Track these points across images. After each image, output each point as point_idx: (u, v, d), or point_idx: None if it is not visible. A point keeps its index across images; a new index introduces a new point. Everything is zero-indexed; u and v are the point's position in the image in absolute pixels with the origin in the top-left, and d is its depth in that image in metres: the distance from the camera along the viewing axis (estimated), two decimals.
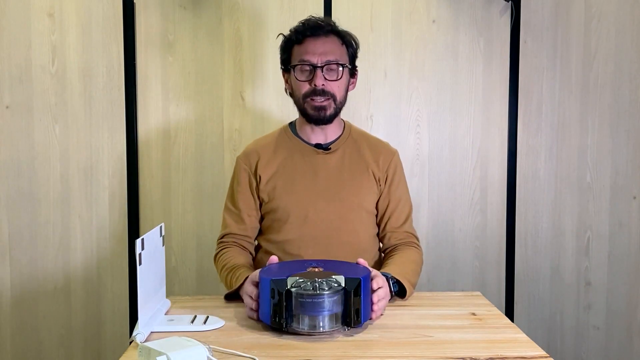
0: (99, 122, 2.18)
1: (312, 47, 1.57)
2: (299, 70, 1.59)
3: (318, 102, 1.57)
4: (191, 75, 2.19)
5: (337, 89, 1.59)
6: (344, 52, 1.62)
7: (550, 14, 2.25)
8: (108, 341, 2.22)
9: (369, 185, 1.65)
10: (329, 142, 1.66)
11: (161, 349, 1.03)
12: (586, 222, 2.30)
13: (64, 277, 2.21)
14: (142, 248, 1.20)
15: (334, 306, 1.22)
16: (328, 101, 1.58)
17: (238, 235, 1.65)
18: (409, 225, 1.69)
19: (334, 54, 1.58)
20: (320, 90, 1.56)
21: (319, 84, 1.56)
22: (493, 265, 2.31)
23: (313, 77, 1.57)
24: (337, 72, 1.58)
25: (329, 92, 1.57)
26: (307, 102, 1.58)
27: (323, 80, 1.56)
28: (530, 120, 2.28)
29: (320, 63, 1.56)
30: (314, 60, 1.56)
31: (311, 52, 1.57)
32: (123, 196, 2.20)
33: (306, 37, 1.58)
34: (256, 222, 1.67)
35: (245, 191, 1.66)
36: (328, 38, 1.59)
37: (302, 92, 1.59)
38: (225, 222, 1.68)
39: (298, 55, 1.59)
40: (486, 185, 2.29)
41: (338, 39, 1.61)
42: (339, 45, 1.61)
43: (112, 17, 2.15)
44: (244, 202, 1.65)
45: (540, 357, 1.13)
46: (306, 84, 1.58)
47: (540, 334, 2.31)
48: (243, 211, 1.65)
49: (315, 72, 1.56)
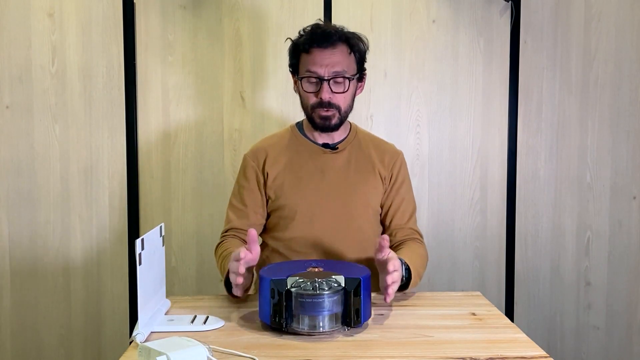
0: (99, 122, 2.18)
1: (319, 59, 1.57)
2: (306, 81, 1.59)
3: (324, 113, 1.59)
4: (191, 75, 2.19)
5: (343, 101, 1.60)
6: (352, 62, 1.61)
7: (550, 14, 2.25)
8: (108, 341, 2.22)
9: (375, 184, 1.66)
10: (336, 142, 1.67)
11: (161, 349, 1.03)
12: (586, 222, 2.30)
13: (64, 277, 2.20)
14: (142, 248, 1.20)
15: (334, 306, 1.22)
16: (333, 112, 1.59)
17: (241, 230, 1.65)
18: (413, 223, 1.70)
19: (341, 65, 1.57)
20: (326, 103, 1.57)
21: (325, 98, 1.57)
22: (493, 265, 2.30)
23: (320, 89, 1.57)
24: (343, 84, 1.58)
25: (334, 105, 1.58)
26: (315, 112, 1.60)
27: (330, 93, 1.57)
28: (530, 120, 2.28)
29: (327, 76, 1.56)
30: (321, 72, 1.56)
31: (318, 63, 1.57)
32: (123, 196, 2.20)
33: (313, 47, 1.58)
34: (261, 219, 1.67)
35: (253, 187, 1.66)
36: (336, 49, 1.58)
37: (309, 103, 1.61)
38: (229, 217, 1.68)
39: (305, 65, 1.59)
40: (486, 185, 2.29)
41: (346, 48, 1.60)
42: (347, 55, 1.60)
43: (112, 17, 2.15)
44: (251, 198, 1.65)
45: (540, 357, 1.13)
46: (313, 96, 1.59)
47: (540, 334, 2.31)
48: (249, 207, 1.65)
49: (322, 85, 1.57)
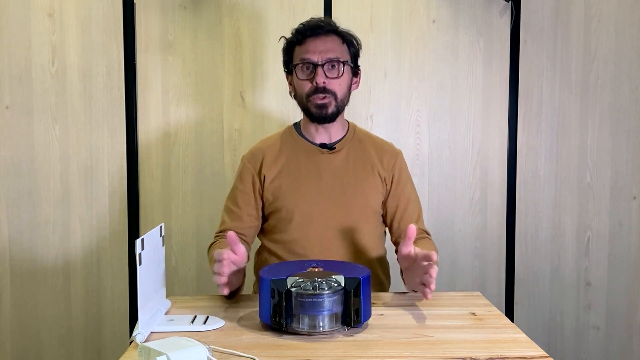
0: (99, 122, 2.18)
1: (312, 46, 1.58)
2: (300, 69, 1.60)
3: (319, 100, 1.58)
4: (191, 75, 2.19)
5: (339, 87, 1.59)
6: (345, 50, 1.62)
7: (550, 14, 2.25)
8: (108, 341, 2.22)
9: (374, 184, 1.65)
10: (334, 142, 1.67)
11: (161, 349, 1.03)
12: (586, 222, 2.30)
13: (64, 277, 2.20)
14: (142, 248, 1.20)
15: (334, 306, 1.22)
16: (329, 99, 1.58)
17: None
18: (421, 223, 1.70)
19: (335, 52, 1.58)
20: (321, 88, 1.57)
21: (320, 82, 1.57)
22: (493, 266, 2.30)
23: (314, 75, 1.57)
24: (337, 69, 1.59)
25: (330, 90, 1.58)
26: (310, 100, 1.59)
27: (324, 78, 1.57)
28: (530, 120, 2.28)
29: (320, 61, 1.57)
30: (314, 58, 1.57)
31: (312, 50, 1.58)
32: (123, 196, 2.20)
33: (306, 37, 1.59)
34: (255, 222, 1.67)
35: (247, 191, 1.65)
36: (328, 37, 1.60)
37: (304, 91, 1.60)
38: (223, 219, 1.68)
39: (299, 55, 1.60)
40: (486, 185, 2.29)
41: (339, 38, 1.62)
42: (340, 44, 1.61)
43: (112, 17, 2.15)
44: (245, 201, 1.65)
45: (540, 357, 1.13)
46: (308, 82, 1.59)
47: (540, 334, 2.31)
48: (243, 210, 1.65)
49: (316, 70, 1.57)
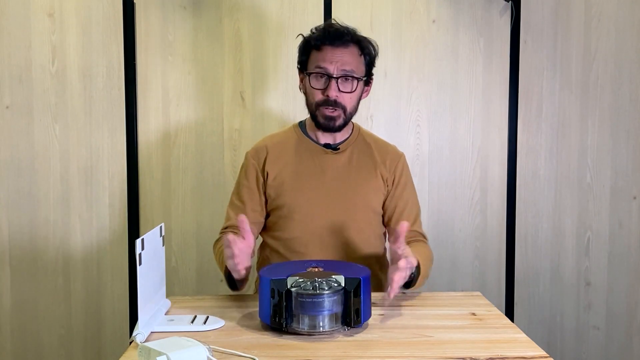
0: (99, 122, 2.18)
1: (329, 56, 1.56)
2: (314, 77, 1.58)
3: (329, 113, 1.57)
4: (191, 75, 2.19)
5: (349, 101, 1.59)
6: (361, 63, 1.60)
7: (550, 14, 2.25)
8: (108, 341, 2.22)
9: (376, 185, 1.65)
10: (338, 142, 1.67)
11: (161, 349, 1.03)
12: (586, 222, 2.30)
13: (64, 277, 2.20)
14: (142, 248, 1.20)
15: (334, 306, 1.22)
16: (338, 112, 1.58)
17: None
18: (418, 226, 1.70)
19: (351, 65, 1.57)
20: (332, 101, 1.56)
21: (332, 96, 1.56)
22: (493, 266, 2.30)
23: (327, 87, 1.56)
24: (351, 84, 1.58)
25: (340, 104, 1.57)
26: (319, 110, 1.59)
27: (337, 92, 1.56)
28: (530, 120, 2.28)
29: (336, 73, 1.55)
30: (330, 69, 1.56)
31: (329, 60, 1.56)
32: (123, 196, 2.20)
33: (325, 44, 1.57)
34: (260, 218, 1.67)
35: (251, 186, 1.65)
36: (347, 48, 1.57)
37: (315, 100, 1.59)
38: (228, 214, 1.68)
39: (315, 61, 1.58)
40: (486, 185, 2.29)
41: (357, 49, 1.59)
42: (357, 56, 1.59)
43: (112, 17, 2.15)
44: (249, 196, 1.65)
45: (540, 357, 1.13)
46: (320, 92, 1.58)
47: (540, 334, 2.31)
48: (247, 205, 1.65)
49: (330, 82, 1.56)
